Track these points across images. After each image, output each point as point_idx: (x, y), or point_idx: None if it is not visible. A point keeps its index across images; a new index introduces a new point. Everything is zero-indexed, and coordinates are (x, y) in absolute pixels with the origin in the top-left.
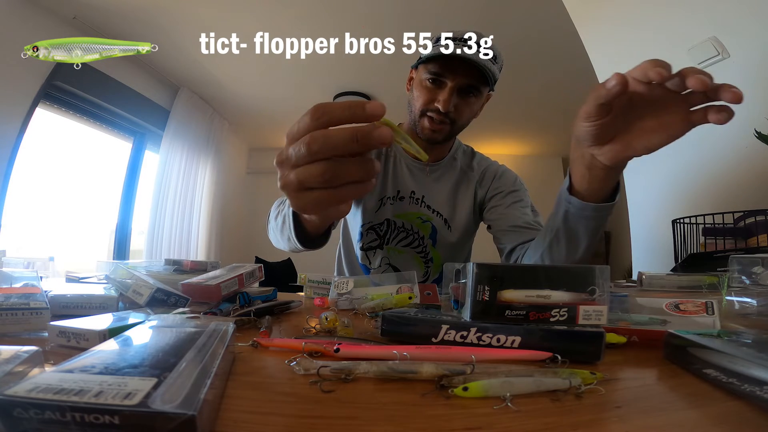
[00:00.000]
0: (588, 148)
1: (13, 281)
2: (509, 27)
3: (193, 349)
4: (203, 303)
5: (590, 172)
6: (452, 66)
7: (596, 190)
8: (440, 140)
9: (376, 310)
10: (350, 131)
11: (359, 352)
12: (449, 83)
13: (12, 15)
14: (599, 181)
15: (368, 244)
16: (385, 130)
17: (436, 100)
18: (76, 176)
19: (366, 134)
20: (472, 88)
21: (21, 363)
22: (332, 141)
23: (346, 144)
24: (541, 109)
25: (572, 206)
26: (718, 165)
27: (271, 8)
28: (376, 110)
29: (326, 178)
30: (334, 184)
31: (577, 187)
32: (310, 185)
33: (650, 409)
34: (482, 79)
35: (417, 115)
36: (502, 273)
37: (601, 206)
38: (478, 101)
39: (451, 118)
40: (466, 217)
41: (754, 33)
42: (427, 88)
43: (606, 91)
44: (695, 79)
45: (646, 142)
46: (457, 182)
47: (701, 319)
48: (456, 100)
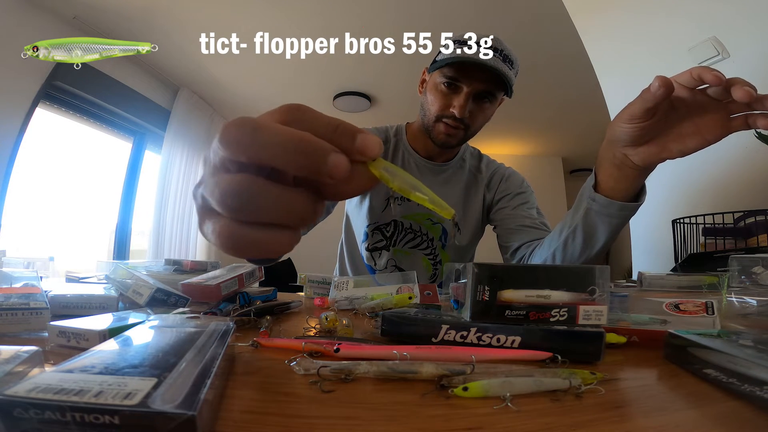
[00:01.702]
0: (622, 148)
1: (13, 281)
2: (509, 27)
3: (193, 349)
4: (203, 303)
5: (620, 171)
6: (469, 71)
7: (623, 189)
8: (454, 145)
9: (376, 310)
10: (297, 134)
11: (359, 352)
12: (465, 89)
13: (12, 15)
14: (628, 180)
15: (374, 244)
16: (341, 161)
17: (452, 105)
18: (76, 176)
19: (319, 149)
20: (487, 94)
21: (21, 363)
22: (264, 136)
23: (281, 148)
24: (542, 109)
25: (596, 204)
26: (718, 165)
27: (271, 8)
28: (370, 146)
29: (228, 202)
30: (239, 216)
31: (603, 185)
32: (210, 204)
33: (650, 409)
34: (498, 85)
35: (432, 120)
36: (502, 273)
37: (626, 205)
38: (492, 107)
39: (466, 124)
40: (476, 220)
41: (754, 33)
42: (443, 93)
43: (652, 94)
44: (742, 92)
45: (682, 145)
46: (467, 185)
47: (701, 319)
48: (471, 106)
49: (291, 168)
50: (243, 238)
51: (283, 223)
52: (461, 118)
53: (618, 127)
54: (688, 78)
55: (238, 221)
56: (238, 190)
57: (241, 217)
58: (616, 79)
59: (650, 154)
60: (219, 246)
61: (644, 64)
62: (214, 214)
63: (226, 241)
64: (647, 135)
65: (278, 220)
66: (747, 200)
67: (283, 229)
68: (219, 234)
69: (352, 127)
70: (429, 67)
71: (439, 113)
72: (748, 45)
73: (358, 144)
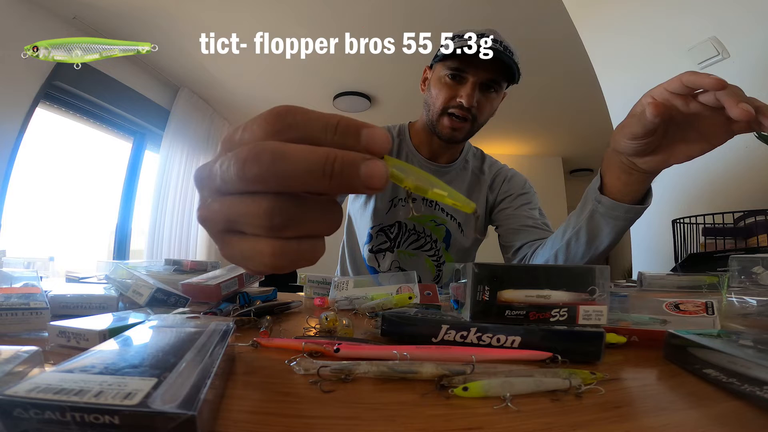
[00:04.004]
0: (628, 157)
1: (13, 281)
2: (509, 27)
3: (193, 349)
4: (203, 303)
5: (629, 176)
6: (474, 61)
7: (631, 192)
8: (460, 139)
9: (376, 310)
10: (320, 155)
11: (359, 352)
12: (471, 78)
13: (12, 15)
14: (637, 183)
15: (378, 246)
16: (380, 166)
17: (458, 95)
18: (76, 176)
19: (348, 164)
20: (493, 83)
21: (21, 363)
22: (286, 165)
23: (309, 175)
24: (542, 109)
25: (602, 206)
26: (718, 165)
27: (271, 8)
28: (378, 140)
29: (271, 223)
30: (283, 234)
31: (611, 188)
32: (241, 228)
33: (650, 409)
34: (503, 74)
35: (437, 113)
36: (502, 273)
37: (633, 208)
38: (498, 97)
39: (473, 114)
40: (479, 222)
41: (754, 33)
42: (448, 85)
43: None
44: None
45: (688, 151)
46: (471, 186)
47: (701, 319)
48: (478, 96)
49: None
50: (292, 253)
51: (321, 232)
52: (468, 108)
53: (621, 142)
54: (679, 85)
55: (282, 239)
56: (281, 210)
57: (286, 235)
58: (617, 80)
59: (657, 162)
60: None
61: (644, 65)
62: (245, 236)
63: (276, 260)
64: (651, 147)
65: (317, 232)
66: (747, 200)
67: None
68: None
69: (355, 122)
70: (431, 63)
71: (446, 105)
72: (748, 45)
73: (364, 140)
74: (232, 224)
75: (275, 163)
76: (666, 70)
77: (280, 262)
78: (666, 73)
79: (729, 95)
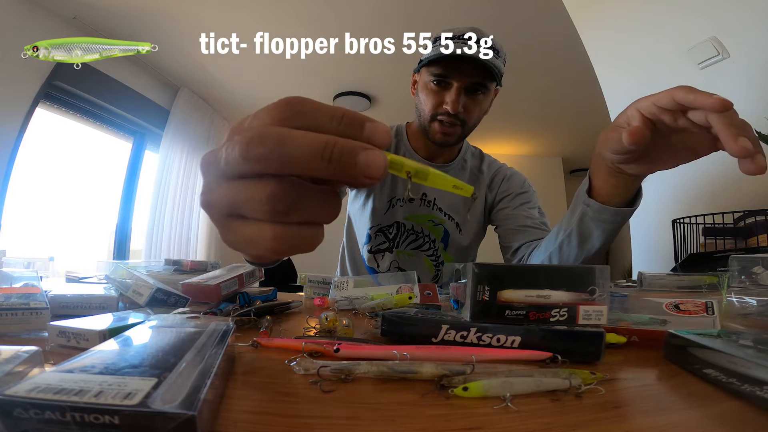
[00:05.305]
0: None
1: (13, 281)
2: (509, 27)
3: (193, 349)
4: (203, 303)
5: (615, 179)
6: (456, 65)
7: (619, 195)
8: (453, 142)
9: (376, 310)
10: (321, 140)
11: (359, 352)
12: (455, 83)
13: (12, 15)
14: (624, 186)
15: (377, 246)
16: (378, 156)
17: (444, 102)
18: (76, 176)
19: (347, 151)
20: (479, 86)
21: (21, 363)
22: (288, 148)
23: (310, 159)
24: (542, 109)
25: (590, 209)
26: (718, 165)
27: (271, 8)
28: (380, 134)
29: (274, 208)
30: (285, 219)
31: (599, 190)
32: (243, 212)
33: (650, 409)
34: (488, 76)
35: (427, 119)
36: (502, 273)
37: (619, 210)
38: (486, 98)
39: (462, 119)
40: (478, 222)
41: (754, 33)
42: (433, 91)
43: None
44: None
45: (675, 159)
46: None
47: (701, 319)
48: (464, 100)
49: (323, 175)
50: (292, 237)
51: (321, 220)
52: (455, 114)
53: (607, 152)
54: (669, 101)
55: (284, 223)
56: (283, 195)
57: (288, 220)
58: (617, 80)
59: (643, 168)
60: (263, 250)
61: (645, 65)
62: (248, 220)
63: (277, 244)
64: (636, 156)
65: (317, 219)
66: (747, 200)
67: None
68: (268, 238)
69: (359, 116)
70: (415, 68)
71: (433, 111)
72: (748, 45)
73: (367, 132)
74: (235, 209)
75: (279, 145)
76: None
77: (281, 246)
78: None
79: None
